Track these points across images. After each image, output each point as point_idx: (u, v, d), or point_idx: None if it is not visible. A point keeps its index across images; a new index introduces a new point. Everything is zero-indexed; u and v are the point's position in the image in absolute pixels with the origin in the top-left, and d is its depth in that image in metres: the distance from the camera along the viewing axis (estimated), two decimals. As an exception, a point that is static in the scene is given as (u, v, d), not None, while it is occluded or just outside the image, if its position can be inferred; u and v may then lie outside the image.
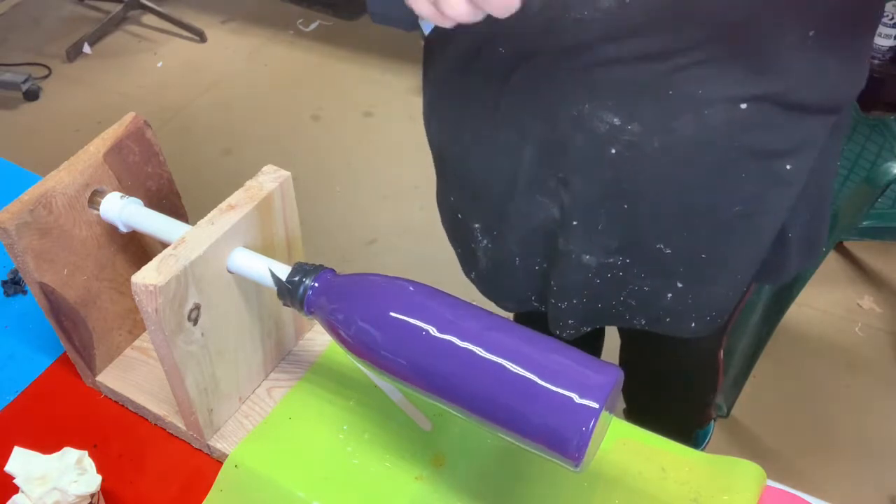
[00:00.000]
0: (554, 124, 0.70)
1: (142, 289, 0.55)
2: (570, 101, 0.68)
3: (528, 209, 0.77)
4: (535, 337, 0.52)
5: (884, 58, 2.02)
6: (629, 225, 0.73)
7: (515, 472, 0.65)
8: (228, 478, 0.66)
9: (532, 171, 0.74)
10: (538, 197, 0.76)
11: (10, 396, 0.75)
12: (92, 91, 2.71)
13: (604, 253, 0.76)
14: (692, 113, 0.66)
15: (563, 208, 0.75)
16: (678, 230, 0.73)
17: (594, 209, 0.73)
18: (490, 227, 0.83)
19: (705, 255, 0.74)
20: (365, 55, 2.75)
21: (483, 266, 0.88)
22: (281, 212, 0.64)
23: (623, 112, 0.67)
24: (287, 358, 0.74)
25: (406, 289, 0.55)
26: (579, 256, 0.76)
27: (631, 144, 0.68)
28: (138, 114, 0.68)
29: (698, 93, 0.65)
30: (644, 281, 0.77)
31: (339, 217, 2.16)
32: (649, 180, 0.70)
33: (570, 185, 0.72)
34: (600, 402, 0.47)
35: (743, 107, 0.65)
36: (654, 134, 0.67)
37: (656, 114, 0.66)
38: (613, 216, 0.73)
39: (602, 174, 0.70)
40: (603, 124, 0.67)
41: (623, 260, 0.76)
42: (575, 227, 0.74)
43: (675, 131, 0.66)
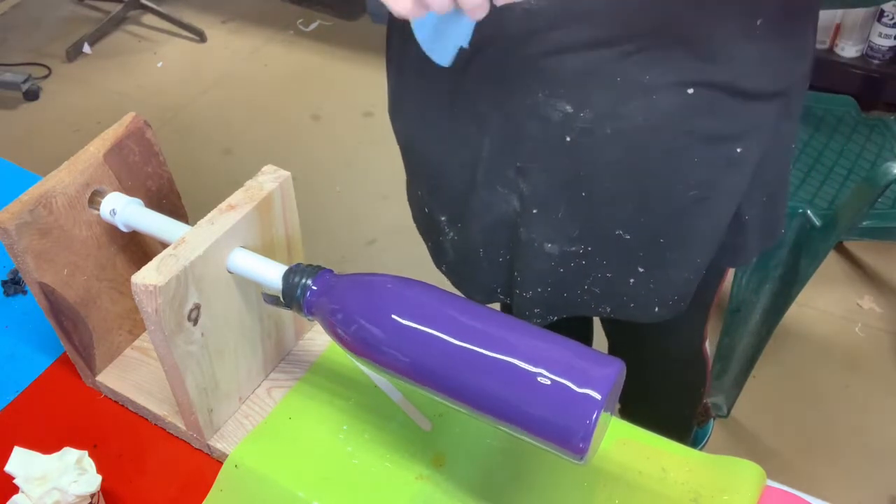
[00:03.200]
0: (509, 114, 0.71)
1: (142, 289, 0.55)
2: (524, 91, 0.69)
3: (490, 199, 0.78)
4: (535, 331, 0.52)
5: (884, 58, 2.02)
6: (588, 212, 0.74)
7: (516, 472, 0.65)
8: (228, 478, 0.66)
9: (491, 162, 0.75)
10: (498, 188, 0.76)
11: (10, 396, 0.75)
12: (92, 91, 2.71)
13: (566, 241, 0.76)
14: (641, 99, 0.66)
15: (522, 198, 0.75)
16: (636, 216, 0.74)
17: (553, 197, 0.74)
18: (455, 219, 0.84)
19: (663, 240, 0.75)
20: (365, 55, 2.74)
21: (451, 258, 0.89)
22: (281, 212, 0.64)
23: (575, 99, 0.67)
24: (287, 358, 0.74)
25: (406, 287, 0.55)
26: (542, 245, 0.77)
27: (584, 131, 0.69)
28: (138, 114, 0.68)
29: (645, 78, 0.65)
30: (606, 268, 0.78)
31: (339, 217, 2.16)
32: (604, 166, 0.71)
33: (528, 174, 0.73)
34: (603, 394, 0.47)
35: (690, 92, 0.66)
36: (605, 120, 0.68)
37: (607, 100, 0.67)
38: (572, 204, 0.74)
39: (558, 162, 0.71)
40: (556, 112, 0.68)
41: (585, 248, 0.77)
42: (535, 215, 0.75)
43: (626, 117, 0.67)
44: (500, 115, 0.72)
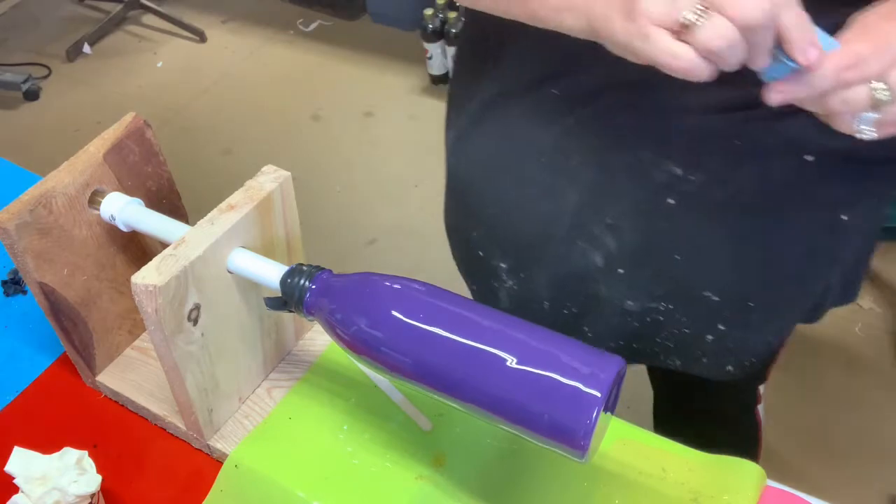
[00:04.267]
0: (607, 170, 0.67)
1: (142, 289, 0.55)
2: (630, 147, 0.65)
3: (567, 253, 0.73)
4: (535, 329, 0.52)
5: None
6: (678, 273, 0.70)
7: (516, 472, 0.65)
8: (228, 478, 0.66)
9: (577, 217, 0.70)
10: (580, 242, 0.72)
11: (10, 396, 0.75)
12: (92, 91, 2.71)
13: (647, 298, 0.73)
14: (757, 164, 0.63)
15: (607, 256, 0.71)
16: (728, 279, 0.70)
17: (643, 258, 0.70)
18: (518, 268, 0.78)
19: (752, 304, 0.71)
20: (365, 55, 2.74)
21: (505, 306, 0.83)
22: (281, 212, 0.64)
23: (687, 162, 0.63)
24: (287, 358, 0.74)
25: (406, 286, 0.55)
26: (622, 303, 0.73)
27: (690, 195, 0.65)
28: (138, 114, 0.68)
29: (767, 142, 0.62)
30: (685, 324, 0.74)
31: (339, 217, 2.16)
32: (706, 230, 0.67)
33: (619, 232, 0.69)
34: (603, 391, 0.47)
35: (809, 159, 0.62)
36: (715, 184, 0.64)
37: (721, 164, 0.63)
38: (662, 264, 0.70)
39: (656, 224, 0.67)
40: (663, 173, 0.64)
41: (666, 305, 0.73)
42: (620, 274, 0.71)
43: (739, 181, 0.63)
44: (596, 170, 0.67)
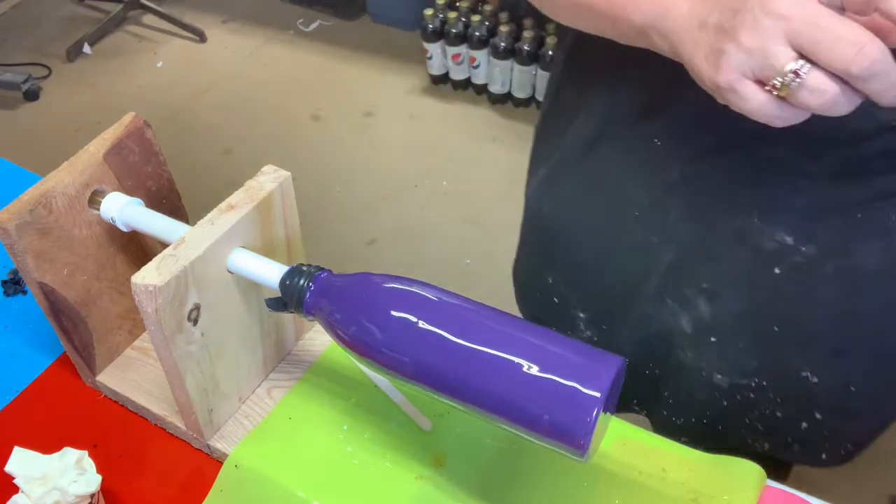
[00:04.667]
0: (711, 232, 0.62)
1: (142, 289, 0.55)
2: (739, 212, 0.60)
3: (654, 313, 0.69)
4: (535, 329, 0.52)
5: None
6: (775, 348, 0.65)
7: (516, 472, 0.65)
8: (228, 478, 0.66)
9: (669, 276, 0.66)
10: (669, 301, 0.67)
11: (10, 396, 0.75)
12: (92, 91, 2.71)
13: (739, 373, 0.67)
14: (880, 241, 0.57)
15: (698, 322, 0.67)
16: (831, 360, 0.64)
17: (738, 328, 0.65)
18: (599, 320, 0.74)
19: (855, 389, 0.66)
20: (365, 55, 2.75)
21: None
22: (281, 212, 0.64)
23: (800, 232, 0.58)
24: (287, 358, 0.74)
25: (405, 286, 0.55)
26: (710, 375, 0.68)
27: (800, 266, 0.60)
28: (138, 114, 0.68)
29: (892, 219, 0.56)
30: (778, 406, 0.69)
31: (339, 217, 2.16)
32: (811, 306, 0.62)
33: (715, 300, 0.64)
34: (603, 390, 0.47)
35: None
36: (830, 258, 0.59)
37: (838, 237, 0.58)
38: (759, 337, 0.65)
39: (758, 294, 0.62)
40: (772, 242, 0.59)
41: (759, 382, 0.68)
42: (711, 343, 0.67)
43: (856, 258, 0.58)
44: (697, 230, 0.62)
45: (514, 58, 2.34)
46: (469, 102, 2.53)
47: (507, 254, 0.87)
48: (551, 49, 2.27)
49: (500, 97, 2.47)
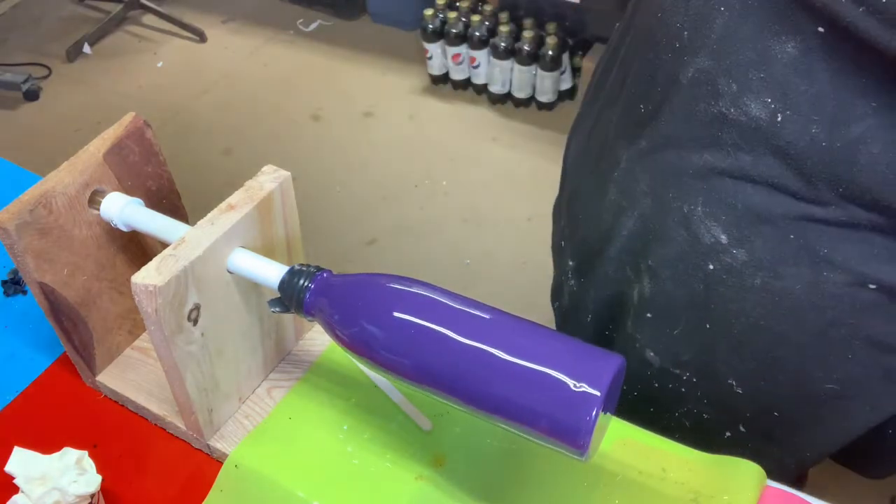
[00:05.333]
0: (663, 210, 0.64)
1: (142, 289, 0.55)
2: (686, 196, 0.62)
3: (614, 276, 0.72)
4: (535, 328, 0.52)
5: None
6: (706, 346, 0.67)
7: (516, 472, 0.65)
8: (228, 478, 0.66)
9: (628, 243, 0.69)
10: (627, 269, 0.70)
11: (10, 396, 0.75)
12: (92, 91, 2.71)
13: (670, 360, 0.70)
14: (810, 269, 0.58)
15: (641, 295, 0.69)
16: (756, 376, 0.66)
17: (673, 313, 0.67)
18: (579, 272, 0.78)
19: (778, 415, 0.67)
20: (365, 55, 2.75)
21: (565, 303, 0.83)
22: (281, 212, 0.64)
23: (732, 233, 0.60)
24: (287, 358, 0.74)
25: (405, 285, 0.55)
26: (643, 349, 0.71)
27: (731, 269, 0.61)
28: (138, 114, 0.68)
29: (823, 251, 0.57)
30: (705, 408, 0.70)
31: (339, 217, 2.16)
32: (738, 313, 0.63)
33: (656, 278, 0.67)
34: (602, 389, 0.47)
35: (872, 287, 0.57)
36: (759, 270, 0.60)
37: (769, 252, 0.59)
38: (691, 329, 0.67)
39: (693, 284, 0.64)
40: (709, 236, 0.61)
41: (689, 378, 0.69)
42: (648, 318, 0.69)
43: (784, 279, 0.59)
44: (653, 206, 0.65)
45: (514, 58, 2.34)
46: (469, 102, 2.53)
47: (507, 254, 0.87)
48: (551, 49, 2.27)
49: (500, 97, 2.47)
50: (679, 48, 0.59)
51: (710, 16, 0.56)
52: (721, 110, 0.57)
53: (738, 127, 0.57)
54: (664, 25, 0.60)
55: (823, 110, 0.53)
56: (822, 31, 0.51)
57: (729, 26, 0.55)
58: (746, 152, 0.57)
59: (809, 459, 0.71)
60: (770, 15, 0.53)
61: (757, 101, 0.55)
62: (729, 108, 0.56)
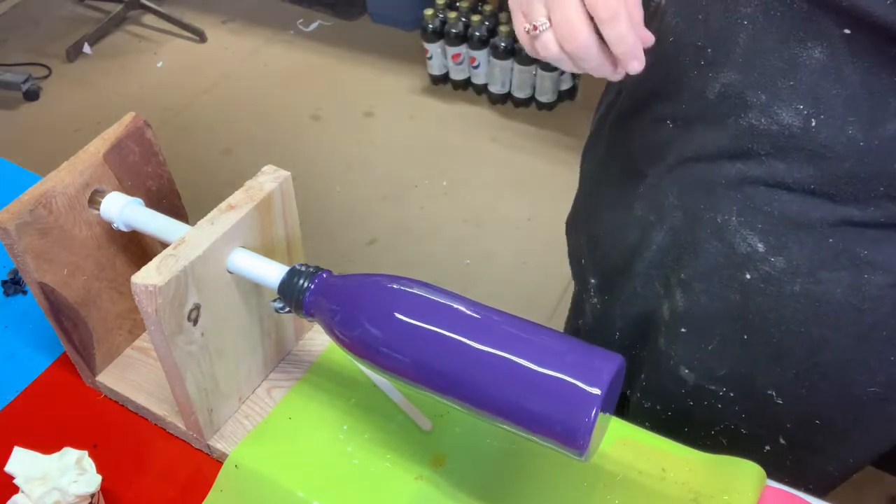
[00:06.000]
0: (695, 223, 0.64)
1: (142, 289, 0.55)
2: (719, 207, 0.62)
3: (642, 292, 0.72)
4: (535, 328, 0.52)
5: None
6: (744, 358, 0.66)
7: (516, 472, 0.65)
8: (228, 478, 0.66)
9: (656, 258, 0.69)
10: (656, 285, 0.70)
11: (10, 396, 0.75)
12: (92, 91, 2.71)
13: (706, 376, 0.69)
14: (851, 272, 0.58)
15: (674, 310, 0.68)
16: (796, 385, 0.65)
17: (708, 327, 0.67)
18: (603, 289, 0.78)
19: (819, 422, 0.66)
20: (365, 55, 2.75)
21: (588, 321, 0.83)
22: (281, 212, 0.64)
23: (769, 241, 0.60)
24: (287, 358, 0.74)
25: (405, 286, 0.55)
26: (677, 366, 0.70)
27: (769, 277, 0.61)
28: (138, 114, 0.68)
29: (863, 253, 0.57)
30: (743, 422, 0.70)
31: (339, 217, 2.16)
32: (779, 323, 0.62)
33: (689, 290, 0.66)
34: (602, 389, 0.47)
35: None
36: (798, 277, 0.60)
37: (808, 258, 0.59)
38: (728, 342, 0.66)
39: (729, 295, 0.64)
40: (745, 245, 0.61)
41: (726, 392, 0.69)
42: (682, 334, 0.68)
43: (824, 284, 0.59)
44: (685, 219, 0.65)
45: (514, 58, 2.34)
46: (469, 102, 2.53)
47: (507, 254, 0.87)
48: (551, 49, 2.26)
49: (500, 97, 2.47)
50: (703, 65, 0.59)
51: (733, 30, 0.56)
52: (751, 122, 0.57)
53: (770, 136, 0.57)
54: (681, 46, 0.61)
55: (858, 111, 0.53)
56: (849, 32, 0.51)
57: (753, 38, 0.55)
58: (780, 160, 0.57)
59: (853, 466, 0.70)
60: (794, 23, 0.53)
61: (788, 108, 0.55)
62: (759, 119, 0.57)
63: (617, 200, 0.72)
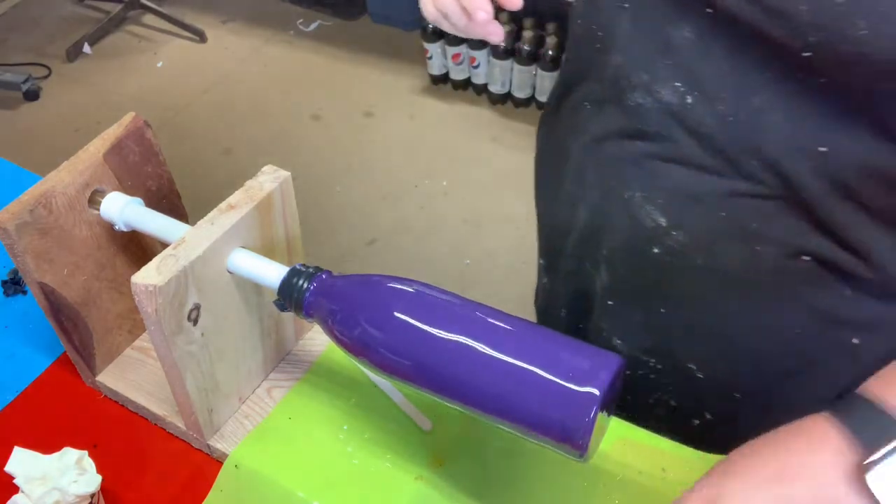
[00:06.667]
0: (609, 199, 0.66)
1: (142, 289, 0.55)
2: (625, 183, 0.64)
3: (575, 270, 0.74)
4: (534, 329, 0.52)
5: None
6: (665, 332, 0.68)
7: (515, 472, 0.65)
8: (228, 478, 0.66)
9: (584, 235, 0.71)
10: (586, 264, 0.72)
11: (10, 396, 0.75)
12: (92, 91, 2.71)
13: (637, 348, 0.71)
14: (743, 246, 0.60)
15: (602, 284, 0.71)
16: (714, 359, 0.67)
17: (631, 300, 0.69)
18: (548, 269, 0.81)
19: (740, 396, 0.67)
20: (365, 55, 2.75)
21: (542, 302, 0.85)
22: (281, 212, 0.64)
23: (671, 216, 0.62)
24: (287, 358, 0.74)
25: (404, 287, 0.55)
26: (610, 338, 0.72)
27: (673, 251, 0.63)
28: (138, 114, 0.68)
29: (753, 226, 0.59)
30: (672, 395, 0.72)
31: (339, 217, 2.16)
32: (688, 297, 0.65)
33: (612, 265, 0.69)
34: (601, 390, 0.47)
35: (806, 259, 0.58)
36: (699, 250, 0.62)
37: (704, 231, 0.61)
38: (651, 315, 0.68)
39: (643, 269, 0.66)
40: (649, 220, 0.63)
41: (655, 365, 0.70)
42: (610, 307, 0.70)
43: (722, 257, 0.61)
44: (601, 196, 0.67)
45: (513, 58, 2.34)
46: (469, 102, 2.53)
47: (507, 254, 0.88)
48: (551, 49, 2.27)
49: (500, 97, 2.47)
50: (600, 48, 0.62)
51: (617, 13, 0.60)
52: (638, 101, 0.60)
53: (655, 114, 0.60)
54: (585, 30, 0.65)
55: (725, 87, 0.56)
56: (711, 12, 0.54)
57: (634, 21, 0.59)
58: (668, 137, 0.60)
59: None
60: (666, 4, 0.56)
61: (667, 87, 0.58)
62: (645, 98, 0.60)
63: (551, 181, 0.76)
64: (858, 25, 0.46)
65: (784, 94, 0.53)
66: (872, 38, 0.46)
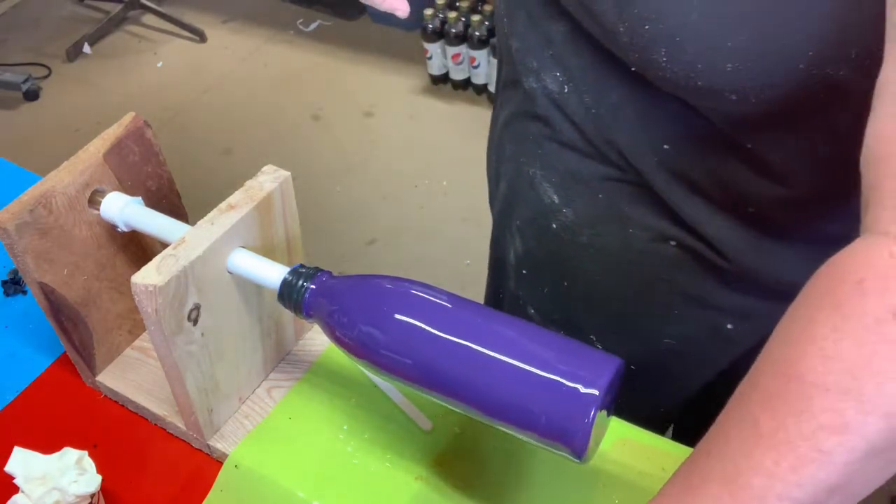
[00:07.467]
0: (518, 175, 0.70)
1: (142, 289, 0.55)
2: (530, 161, 0.68)
3: (498, 239, 0.78)
4: (534, 330, 0.52)
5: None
6: (568, 304, 0.72)
7: (515, 473, 0.65)
8: (228, 478, 0.66)
9: (503, 206, 0.74)
10: (505, 232, 0.76)
11: (10, 396, 0.75)
12: (92, 91, 2.71)
13: (547, 318, 0.74)
14: (618, 225, 0.64)
15: (516, 254, 0.74)
16: (609, 330, 0.70)
17: (540, 272, 0.72)
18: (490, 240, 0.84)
19: (634, 367, 0.69)
20: (365, 55, 2.75)
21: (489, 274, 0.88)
22: (281, 212, 0.64)
23: (562, 194, 0.66)
24: (287, 358, 0.74)
25: (404, 287, 0.55)
26: (526, 307, 0.75)
27: (566, 227, 0.67)
28: (138, 114, 0.68)
29: (625, 209, 0.63)
30: None
31: (339, 217, 2.16)
32: (584, 272, 0.68)
33: (523, 237, 0.72)
34: (601, 391, 0.47)
35: (672, 244, 0.62)
36: (585, 228, 0.66)
37: (588, 211, 0.65)
38: (556, 288, 0.72)
39: (545, 243, 0.70)
40: (546, 196, 0.67)
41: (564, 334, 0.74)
42: (524, 276, 0.74)
43: (603, 237, 0.65)
44: (513, 170, 0.71)
45: (514, 58, 2.34)
46: (469, 102, 2.53)
47: (506, 254, 0.89)
48: (551, 49, 2.27)
49: (500, 97, 2.47)
50: (507, 33, 0.66)
51: (517, 3, 0.63)
52: (532, 85, 0.64)
53: (543, 99, 0.64)
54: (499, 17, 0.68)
55: (589, 80, 0.59)
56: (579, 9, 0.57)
57: (528, 13, 0.62)
58: (555, 121, 0.64)
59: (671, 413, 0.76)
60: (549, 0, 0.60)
61: (550, 76, 0.62)
62: (535, 84, 0.64)
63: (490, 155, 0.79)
64: (660, 52, 0.50)
65: (635, 93, 0.57)
66: (669, 65, 0.50)
